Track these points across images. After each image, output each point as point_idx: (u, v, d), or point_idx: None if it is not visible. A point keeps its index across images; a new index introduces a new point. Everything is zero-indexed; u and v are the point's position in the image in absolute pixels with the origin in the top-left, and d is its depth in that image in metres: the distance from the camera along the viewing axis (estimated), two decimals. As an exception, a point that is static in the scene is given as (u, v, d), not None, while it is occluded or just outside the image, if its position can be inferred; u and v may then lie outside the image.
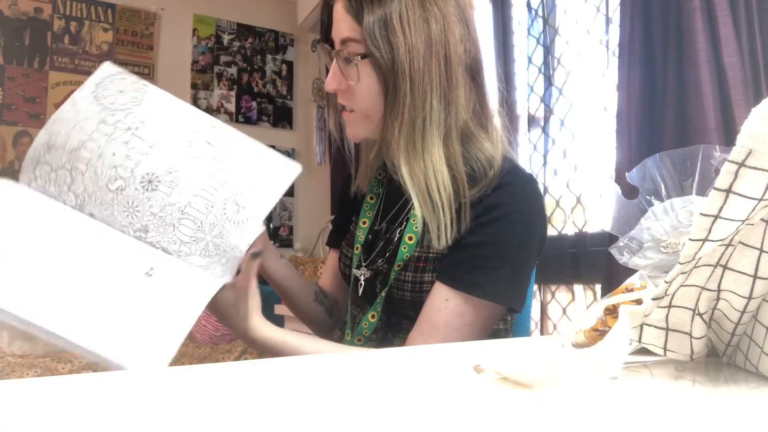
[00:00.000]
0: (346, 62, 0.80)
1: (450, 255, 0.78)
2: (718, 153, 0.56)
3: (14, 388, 0.43)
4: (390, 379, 0.47)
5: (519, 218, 0.78)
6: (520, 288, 0.80)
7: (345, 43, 0.80)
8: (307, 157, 3.17)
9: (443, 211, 0.77)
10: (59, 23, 2.52)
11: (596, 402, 0.38)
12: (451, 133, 0.80)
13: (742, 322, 0.43)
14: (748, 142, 0.34)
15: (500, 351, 0.63)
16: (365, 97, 0.81)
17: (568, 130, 1.62)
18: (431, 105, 0.78)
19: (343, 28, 0.79)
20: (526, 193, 0.81)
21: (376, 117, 0.82)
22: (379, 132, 0.83)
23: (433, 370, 0.52)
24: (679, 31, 1.16)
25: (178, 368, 0.59)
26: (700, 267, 0.41)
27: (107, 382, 0.44)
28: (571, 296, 1.61)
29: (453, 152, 0.80)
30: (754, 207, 0.35)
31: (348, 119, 0.84)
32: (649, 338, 0.46)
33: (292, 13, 3.06)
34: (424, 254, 0.80)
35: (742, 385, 0.42)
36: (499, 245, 0.77)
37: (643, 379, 0.45)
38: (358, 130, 0.84)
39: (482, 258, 0.76)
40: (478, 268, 0.76)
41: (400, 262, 0.81)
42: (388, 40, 0.77)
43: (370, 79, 0.79)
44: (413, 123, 0.78)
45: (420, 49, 0.78)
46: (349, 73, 0.80)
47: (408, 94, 0.77)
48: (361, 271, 0.88)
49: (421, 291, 0.80)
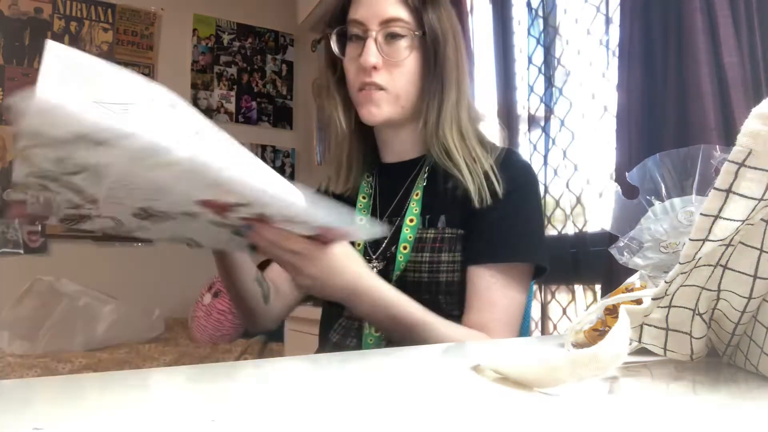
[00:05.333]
0: (392, 39, 0.86)
1: (478, 234, 0.85)
2: (718, 153, 0.56)
3: (14, 388, 0.43)
4: (390, 378, 0.47)
5: (530, 189, 0.89)
6: (545, 247, 0.88)
7: (388, 23, 0.85)
8: (307, 157, 3.17)
9: (482, 174, 0.85)
10: (59, 23, 2.52)
11: (596, 402, 0.38)
12: (469, 110, 0.90)
13: (742, 322, 0.43)
14: (748, 142, 0.34)
15: (500, 351, 0.63)
16: (407, 76, 0.87)
17: (568, 130, 1.62)
18: (462, 85, 0.88)
19: (389, 8, 0.85)
20: (527, 166, 0.93)
21: (409, 97, 0.88)
22: (400, 113, 0.88)
23: (433, 370, 0.52)
24: (679, 31, 1.16)
25: (179, 368, 0.59)
26: (700, 267, 0.41)
27: (108, 382, 0.44)
28: (571, 296, 1.61)
29: (475, 128, 0.90)
30: (754, 207, 0.35)
31: (374, 98, 0.86)
32: (649, 338, 0.46)
33: (292, 13, 3.05)
34: (440, 234, 0.86)
35: (742, 385, 0.42)
36: (519, 214, 0.85)
37: (643, 379, 0.45)
38: (382, 110, 0.87)
39: (512, 227, 0.85)
40: (512, 237, 0.84)
41: (405, 243, 0.86)
42: (438, 20, 0.86)
43: (415, 59, 0.87)
44: (452, 101, 0.87)
45: (455, 32, 0.88)
46: (396, 51, 0.86)
47: (446, 74, 0.86)
48: (372, 264, 0.89)
49: (438, 271, 0.84)
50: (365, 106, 0.87)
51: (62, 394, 0.37)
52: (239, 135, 3.35)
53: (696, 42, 1.10)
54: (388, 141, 0.95)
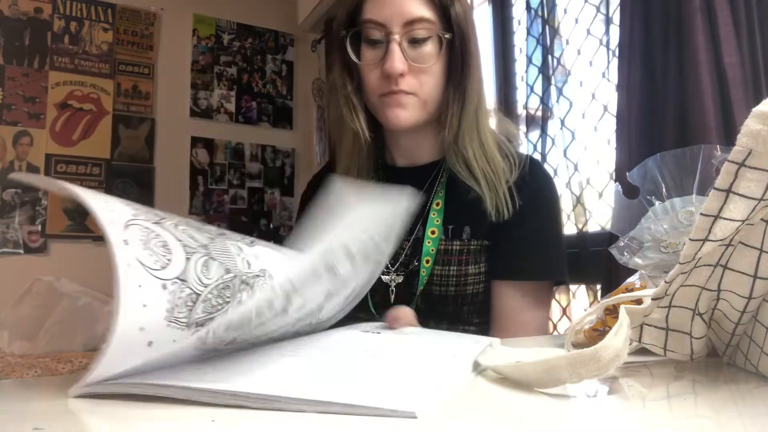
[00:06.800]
0: (416, 43, 0.80)
1: (505, 250, 0.83)
2: (718, 153, 0.56)
3: (14, 388, 0.43)
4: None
5: (555, 203, 0.88)
6: (566, 263, 0.88)
7: (413, 24, 0.79)
8: (307, 157, 3.17)
9: (501, 186, 0.82)
10: (59, 23, 2.52)
11: (596, 402, 0.38)
12: (488, 116, 0.87)
13: (742, 322, 0.43)
14: (748, 142, 0.34)
15: (500, 351, 0.63)
16: (433, 80, 0.81)
17: (568, 130, 1.62)
18: (481, 88, 0.85)
19: (413, 8, 0.79)
20: (550, 178, 0.90)
21: (434, 101, 0.83)
22: (425, 117, 0.84)
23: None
24: (679, 31, 1.16)
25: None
26: (700, 267, 0.41)
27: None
28: (571, 296, 1.61)
29: (493, 132, 0.86)
30: (754, 207, 0.35)
31: (403, 101, 0.81)
32: (649, 338, 0.46)
33: (292, 13, 3.05)
34: (466, 247, 0.83)
35: (742, 385, 0.42)
36: (547, 229, 0.85)
37: (643, 379, 0.45)
38: (410, 114, 0.81)
39: (541, 244, 0.84)
40: (542, 254, 0.84)
41: (427, 257, 0.83)
42: (465, 16, 0.81)
43: (441, 62, 0.82)
44: (474, 106, 0.83)
45: (476, 34, 0.84)
46: (422, 55, 0.80)
47: (470, 78, 0.82)
48: (390, 276, 0.85)
49: (465, 284, 0.83)
50: (392, 109, 0.81)
51: (62, 394, 0.37)
52: (239, 135, 3.32)
53: (696, 42, 1.10)
54: (404, 145, 0.90)
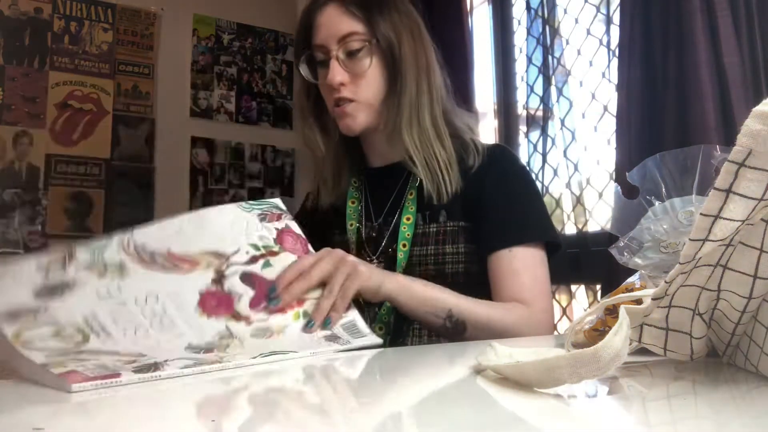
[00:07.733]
0: (351, 55, 0.90)
1: (485, 226, 0.89)
2: (718, 153, 0.56)
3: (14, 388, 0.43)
4: (391, 378, 0.47)
5: (524, 175, 0.96)
6: (550, 225, 0.94)
7: (345, 39, 0.89)
8: (308, 157, 3.17)
9: (444, 173, 0.90)
10: (59, 23, 2.52)
11: (596, 402, 0.38)
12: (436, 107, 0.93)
13: (742, 322, 0.43)
14: (748, 142, 0.34)
15: (500, 351, 0.63)
16: (372, 84, 0.91)
17: (568, 130, 1.62)
18: (422, 83, 0.91)
19: (342, 26, 0.89)
20: (518, 159, 1.01)
21: (377, 103, 0.92)
22: (376, 118, 0.93)
23: (433, 370, 0.52)
24: (679, 31, 1.16)
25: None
26: (700, 267, 0.41)
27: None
28: (571, 296, 1.61)
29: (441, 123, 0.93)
30: (754, 207, 0.35)
31: (349, 111, 0.91)
32: (649, 338, 0.46)
33: (292, 13, 3.05)
34: (442, 228, 0.90)
35: (742, 385, 0.42)
36: (520, 195, 0.91)
37: (643, 379, 0.45)
38: (358, 120, 0.92)
39: (521, 209, 0.90)
40: (524, 218, 0.90)
41: (404, 242, 0.90)
42: (391, 28, 0.90)
43: (376, 66, 0.91)
44: (412, 100, 0.90)
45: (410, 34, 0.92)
46: (357, 64, 0.90)
47: (406, 76, 0.90)
48: (373, 263, 0.91)
49: (443, 263, 0.89)
50: (342, 120, 0.92)
51: (62, 394, 0.37)
52: (239, 135, 3.33)
53: (696, 42, 1.10)
54: (375, 147, 0.99)
